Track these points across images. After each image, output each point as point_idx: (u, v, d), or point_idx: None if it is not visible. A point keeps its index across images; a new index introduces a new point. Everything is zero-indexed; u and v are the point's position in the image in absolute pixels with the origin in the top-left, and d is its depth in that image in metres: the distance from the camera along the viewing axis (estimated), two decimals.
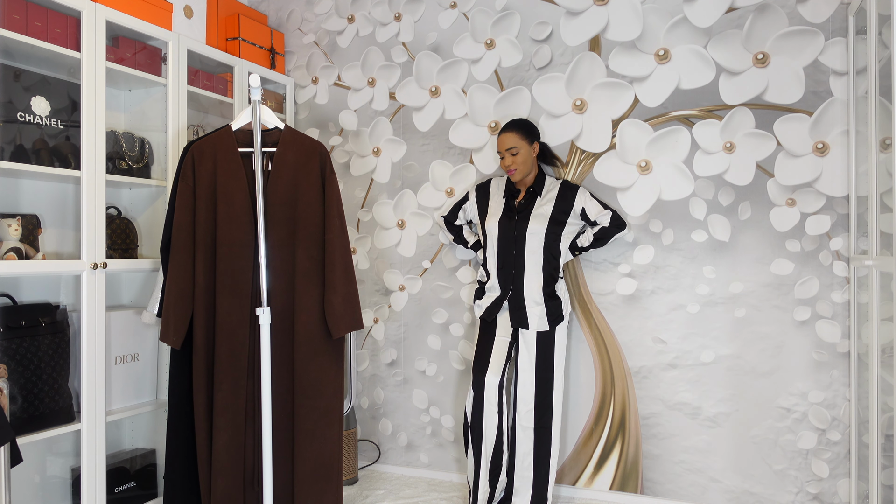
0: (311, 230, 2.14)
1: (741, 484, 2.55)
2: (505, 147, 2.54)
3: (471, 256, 2.93)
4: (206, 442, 2.10)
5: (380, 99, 3.12)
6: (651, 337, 2.66)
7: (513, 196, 2.60)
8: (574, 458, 2.78)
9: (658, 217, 2.65)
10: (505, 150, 2.54)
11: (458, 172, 2.95)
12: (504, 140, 2.54)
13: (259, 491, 2.08)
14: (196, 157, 2.13)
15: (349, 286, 2.14)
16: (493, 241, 2.58)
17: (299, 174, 2.16)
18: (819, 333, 2.45)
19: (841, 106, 2.41)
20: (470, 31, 2.94)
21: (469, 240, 2.78)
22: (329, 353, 2.14)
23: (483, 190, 2.70)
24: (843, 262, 2.42)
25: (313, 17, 3.26)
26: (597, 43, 2.73)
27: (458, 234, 2.80)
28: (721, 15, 2.55)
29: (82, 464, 2.16)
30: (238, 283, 2.09)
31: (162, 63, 2.51)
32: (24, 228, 2.10)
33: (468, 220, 2.78)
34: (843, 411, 2.42)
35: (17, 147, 2.05)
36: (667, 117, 2.63)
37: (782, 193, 2.49)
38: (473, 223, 2.78)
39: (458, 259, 2.96)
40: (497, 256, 2.56)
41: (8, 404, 1.97)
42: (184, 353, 2.14)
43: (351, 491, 2.83)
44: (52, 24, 2.11)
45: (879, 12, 2.04)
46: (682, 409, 2.62)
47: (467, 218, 2.77)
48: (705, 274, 2.59)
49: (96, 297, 2.19)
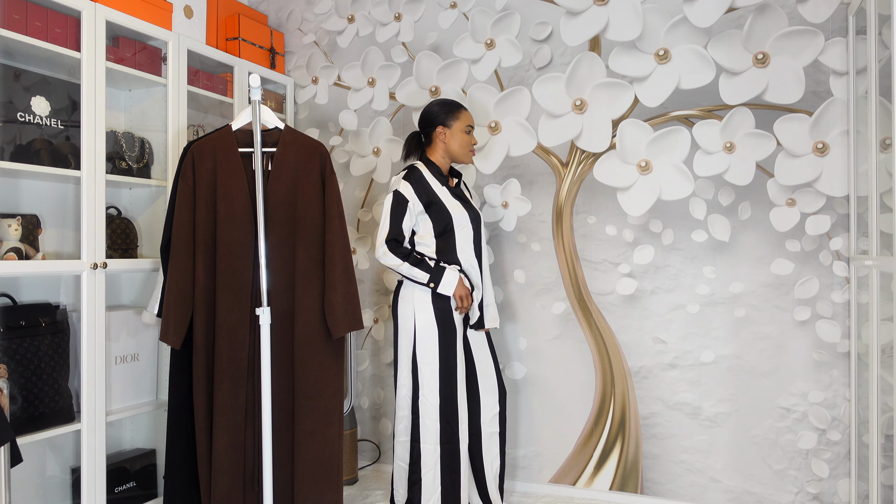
0: (311, 230, 2.14)
1: (741, 484, 2.55)
2: (471, 123, 2.42)
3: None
4: (206, 442, 2.10)
5: (380, 99, 3.12)
6: (651, 337, 2.66)
7: (446, 183, 2.38)
8: (574, 458, 2.78)
9: (658, 217, 2.65)
10: (471, 127, 2.42)
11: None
12: (470, 116, 2.43)
13: (259, 491, 2.08)
14: (196, 157, 2.13)
15: (349, 286, 2.14)
16: (465, 232, 2.34)
17: (299, 174, 2.16)
18: (819, 333, 2.45)
19: (841, 106, 2.41)
20: (470, 31, 2.94)
21: (427, 253, 2.35)
22: (329, 353, 2.14)
23: (419, 183, 2.32)
24: (843, 262, 2.42)
25: (313, 17, 3.26)
26: (597, 43, 2.73)
27: (409, 255, 2.28)
28: (721, 15, 2.55)
29: (82, 464, 2.16)
30: (238, 283, 2.09)
31: (162, 63, 2.51)
32: (24, 228, 2.10)
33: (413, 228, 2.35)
34: (843, 411, 2.42)
35: (17, 147, 2.05)
36: (667, 117, 2.63)
37: (782, 193, 2.49)
38: (415, 230, 2.36)
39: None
40: (473, 248, 2.36)
41: (8, 404, 1.97)
42: (184, 353, 2.14)
43: (351, 491, 2.83)
44: (52, 24, 2.11)
45: (879, 12, 2.04)
46: (682, 409, 2.62)
47: (413, 226, 2.34)
48: (705, 274, 2.59)
49: (96, 297, 2.19)
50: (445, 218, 2.32)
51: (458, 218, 2.33)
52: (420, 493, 2.28)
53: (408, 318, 2.32)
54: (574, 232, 2.77)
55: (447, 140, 2.38)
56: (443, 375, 2.29)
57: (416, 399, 2.30)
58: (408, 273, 2.27)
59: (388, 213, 2.30)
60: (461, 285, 2.28)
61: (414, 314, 2.30)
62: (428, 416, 2.28)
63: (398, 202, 2.29)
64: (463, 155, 2.41)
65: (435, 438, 2.28)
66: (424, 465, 2.28)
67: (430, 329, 2.29)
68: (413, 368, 2.31)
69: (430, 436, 2.28)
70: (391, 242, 2.28)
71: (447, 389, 2.29)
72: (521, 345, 2.85)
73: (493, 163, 2.89)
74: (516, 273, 2.86)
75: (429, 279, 2.26)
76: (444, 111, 2.38)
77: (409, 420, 2.33)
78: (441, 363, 2.29)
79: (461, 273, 2.31)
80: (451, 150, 2.39)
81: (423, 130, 2.43)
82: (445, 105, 2.40)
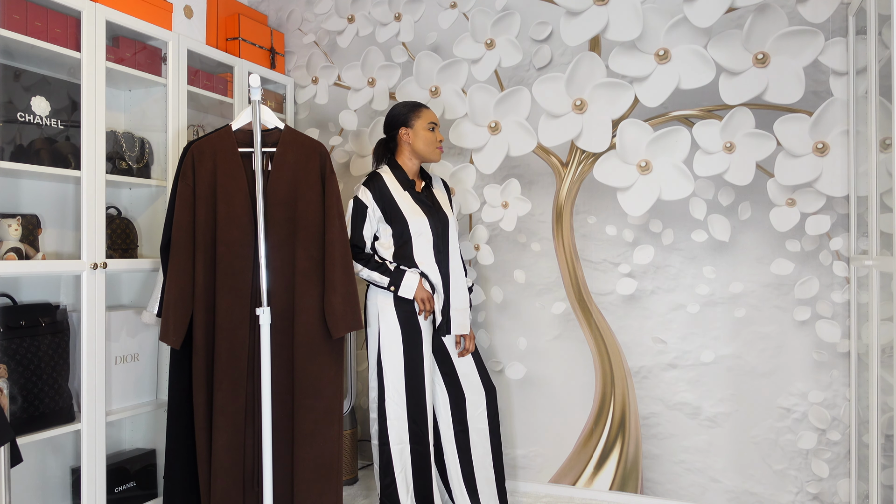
0: (311, 230, 2.14)
1: (741, 484, 2.55)
2: (434, 119, 2.41)
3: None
4: (205, 442, 2.10)
5: (380, 99, 3.12)
6: (651, 337, 2.66)
7: (411, 187, 2.37)
8: (574, 458, 2.78)
9: (658, 217, 2.65)
10: (434, 125, 2.40)
11: (458, 172, 2.95)
12: (432, 113, 2.42)
13: (259, 491, 2.08)
14: (196, 157, 2.13)
15: (349, 286, 2.14)
16: (424, 239, 2.34)
17: (299, 174, 2.16)
18: (819, 333, 2.45)
19: (841, 106, 2.41)
20: (470, 31, 2.94)
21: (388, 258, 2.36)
22: (329, 353, 2.14)
23: (379, 188, 2.33)
24: (843, 262, 2.42)
25: (313, 17, 3.26)
26: (597, 43, 2.73)
27: (369, 260, 2.31)
28: (721, 15, 2.55)
29: (82, 464, 2.16)
30: (238, 282, 2.09)
31: (162, 63, 2.51)
32: (24, 228, 2.10)
33: (374, 233, 2.37)
34: (843, 411, 2.42)
35: (17, 147, 2.05)
36: (667, 117, 2.63)
37: (782, 193, 2.49)
38: (377, 235, 2.38)
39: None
40: (433, 254, 2.35)
41: (8, 404, 1.97)
42: (184, 353, 2.14)
43: (351, 491, 2.83)
44: (52, 24, 2.11)
45: (879, 12, 2.04)
46: (682, 409, 2.62)
47: (373, 231, 2.36)
48: (705, 274, 2.59)
49: (96, 297, 2.19)
50: (401, 225, 2.33)
51: (414, 224, 2.33)
52: (396, 494, 2.30)
53: (373, 322, 2.35)
54: (574, 232, 2.77)
55: (411, 140, 2.39)
56: (408, 377, 2.30)
57: (382, 401, 2.32)
58: (368, 277, 2.31)
59: (349, 219, 2.32)
60: (421, 288, 2.30)
61: (378, 318, 2.33)
62: (395, 417, 2.30)
63: (357, 208, 2.33)
64: (429, 153, 2.40)
65: (403, 439, 2.30)
66: (396, 466, 2.30)
67: (393, 331, 2.31)
68: (378, 371, 2.33)
69: (398, 437, 2.30)
70: (352, 249, 2.28)
71: (413, 390, 2.30)
72: (521, 345, 2.85)
73: (493, 163, 2.89)
74: (516, 273, 2.86)
75: (389, 282, 2.28)
76: (404, 112, 2.40)
77: (377, 423, 2.34)
78: (406, 364, 2.30)
79: (422, 276, 2.32)
80: (417, 149, 2.39)
81: (388, 134, 2.45)
82: (405, 106, 2.42)
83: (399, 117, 2.40)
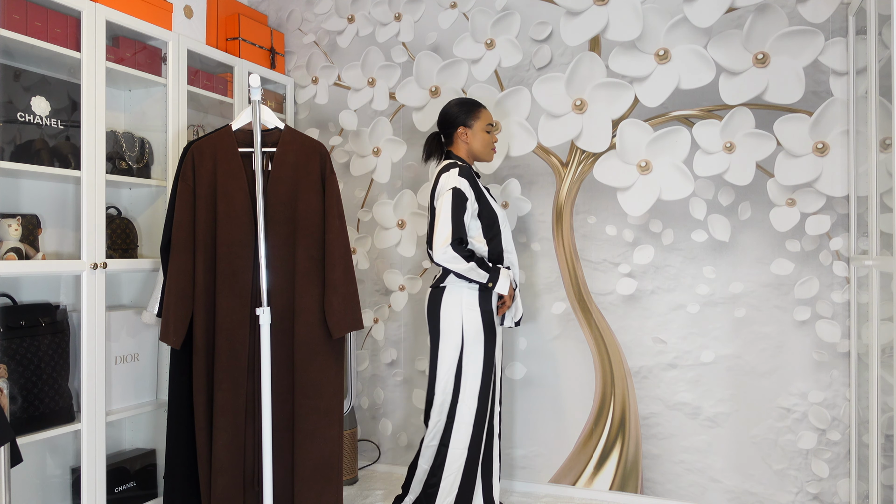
0: (311, 230, 2.14)
1: (741, 484, 2.55)
2: (492, 121, 2.41)
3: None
4: (206, 442, 2.10)
5: (380, 99, 3.12)
6: (651, 337, 2.66)
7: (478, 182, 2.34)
8: (574, 458, 2.78)
9: (658, 217, 2.65)
10: (491, 126, 2.40)
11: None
12: (490, 115, 2.41)
13: (259, 491, 2.08)
14: (196, 157, 2.13)
15: (349, 286, 2.14)
16: (507, 232, 2.35)
17: (299, 174, 2.16)
18: (819, 333, 2.45)
19: (841, 106, 2.41)
20: (470, 31, 2.94)
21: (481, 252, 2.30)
22: (329, 353, 2.14)
23: (471, 180, 2.27)
24: (843, 262, 2.42)
25: (313, 17, 3.26)
26: (597, 43, 2.73)
27: (472, 255, 2.21)
28: (721, 15, 2.55)
29: (82, 464, 2.16)
30: (238, 282, 2.09)
31: (162, 63, 2.51)
32: (24, 228, 2.10)
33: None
34: (843, 411, 2.42)
35: (17, 147, 2.05)
36: (667, 117, 2.63)
37: (782, 193, 2.49)
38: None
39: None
40: (513, 247, 2.37)
41: (8, 404, 1.97)
42: (184, 353, 2.14)
43: (351, 491, 2.83)
44: (52, 24, 2.11)
45: (879, 12, 2.04)
46: (682, 409, 2.62)
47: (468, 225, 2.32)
48: (705, 274, 2.59)
49: (96, 297, 2.19)
50: (490, 218, 2.29)
51: (501, 216, 2.33)
52: (435, 496, 2.26)
53: (454, 323, 2.26)
54: (574, 232, 2.77)
55: (469, 140, 2.37)
56: (484, 381, 2.25)
57: (454, 405, 2.26)
58: (469, 273, 2.20)
59: (448, 211, 2.18)
60: (510, 284, 2.29)
61: (462, 319, 2.25)
62: (463, 421, 2.25)
63: (458, 200, 2.19)
64: (485, 154, 2.40)
65: (465, 444, 2.25)
66: (447, 469, 2.26)
67: (477, 333, 2.24)
68: (457, 374, 2.25)
69: (461, 442, 2.25)
70: (456, 243, 2.16)
71: (485, 395, 2.26)
72: (521, 345, 2.85)
73: (493, 163, 2.89)
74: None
75: (488, 279, 2.21)
76: (464, 111, 2.37)
77: (442, 425, 2.28)
78: (484, 368, 2.25)
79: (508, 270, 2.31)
80: (474, 149, 2.38)
81: (444, 131, 2.42)
82: (465, 105, 2.38)
83: (458, 116, 2.37)
